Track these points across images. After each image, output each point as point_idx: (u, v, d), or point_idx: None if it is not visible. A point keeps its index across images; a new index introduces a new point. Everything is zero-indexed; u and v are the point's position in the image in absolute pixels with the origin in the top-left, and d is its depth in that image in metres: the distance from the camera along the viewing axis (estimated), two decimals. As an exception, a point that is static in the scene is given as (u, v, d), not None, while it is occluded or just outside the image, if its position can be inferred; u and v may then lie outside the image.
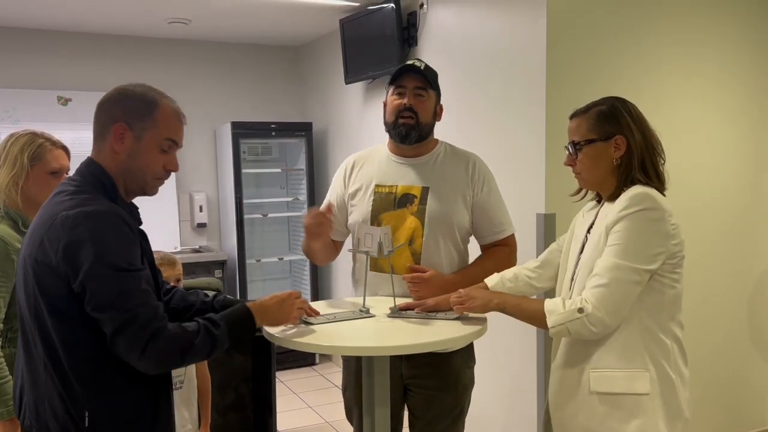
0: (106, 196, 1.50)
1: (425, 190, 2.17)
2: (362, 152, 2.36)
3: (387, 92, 2.26)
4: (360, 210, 2.22)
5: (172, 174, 1.62)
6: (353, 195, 2.26)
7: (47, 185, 2.09)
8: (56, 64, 4.91)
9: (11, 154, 2.06)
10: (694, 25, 3.34)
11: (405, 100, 2.16)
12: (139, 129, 1.51)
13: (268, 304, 1.68)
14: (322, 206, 2.31)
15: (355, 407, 2.26)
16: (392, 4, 4.00)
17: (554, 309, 1.68)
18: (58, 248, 1.39)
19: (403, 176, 2.21)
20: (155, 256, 2.40)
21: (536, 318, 1.72)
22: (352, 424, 2.32)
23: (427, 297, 2.01)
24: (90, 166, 1.54)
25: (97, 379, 1.44)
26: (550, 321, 1.67)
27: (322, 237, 2.17)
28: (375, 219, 2.19)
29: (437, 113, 2.24)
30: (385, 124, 2.24)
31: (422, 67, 2.19)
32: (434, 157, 2.24)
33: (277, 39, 5.44)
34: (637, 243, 1.63)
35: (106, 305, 1.38)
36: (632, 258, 1.62)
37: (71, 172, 2.16)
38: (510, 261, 2.22)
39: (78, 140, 4.86)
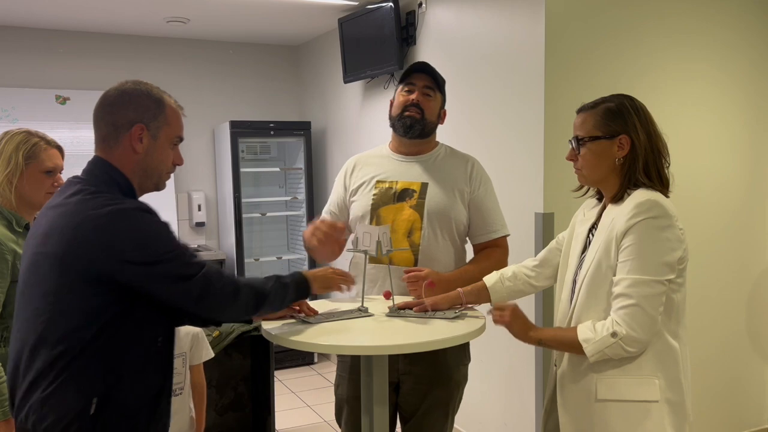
0: (122, 194, 1.53)
1: (424, 186, 2.23)
2: (363, 153, 2.42)
3: (396, 89, 2.32)
4: (360, 204, 2.27)
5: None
6: (355, 192, 2.31)
7: (41, 184, 2.09)
8: (55, 63, 4.91)
9: (6, 153, 2.06)
10: (691, 26, 3.34)
11: (413, 96, 2.23)
12: (154, 128, 1.57)
13: (316, 274, 1.86)
14: (323, 214, 2.37)
15: (346, 404, 2.27)
16: (391, 4, 4.00)
17: (589, 337, 1.65)
18: (99, 247, 1.41)
19: (404, 173, 2.26)
20: None
21: (573, 348, 1.69)
22: (340, 426, 2.33)
23: (431, 296, 2.01)
24: (103, 166, 1.56)
25: (110, 368, 1.46)
26: (588, 350, 1.65)
27: (325, 249, 2.15)
28: (374, 212, 2.23)
29: (441, 116, 2.30)
30: (390, 118, 2.31)
31: (433, 69, 2.27)
32: (434, 156, 2.30)
33: (275, 38, 5.43)
34: (652, 254, 1.61)
35: (172, 280, 1.46)
36: (651, 271, 1.61)
37: (65, 171, 2.17)
38: (504, 262, 2.25)
39: (77, 139, 4.88)
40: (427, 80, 2.25)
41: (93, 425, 1.44)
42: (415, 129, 2.23)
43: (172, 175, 1.68)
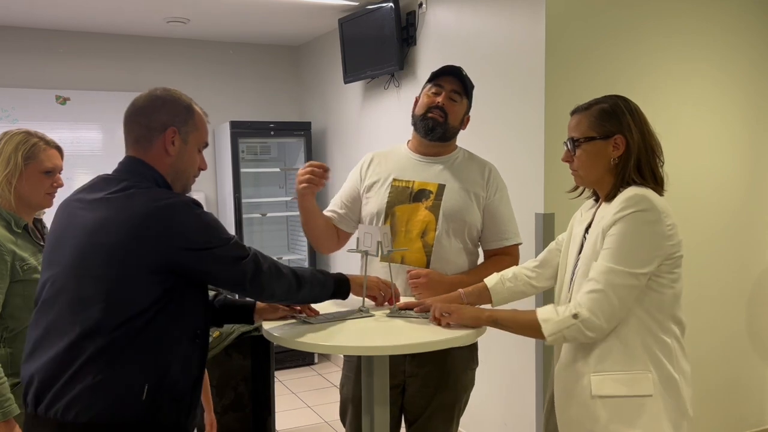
0: None
1: (441, 187, 2.21)
2: (382, 150, 2.40)
3: (423, 88, 2.30)
4: (376, 201, 2.26)
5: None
6: (369, 187, 2.30)
7: (41, 184, 2.09)
8: (55, 63, 4.90)
9: (5, 153, 2.05)
10: (691, 26, 3.34)
11: (439, 99, 2.21)
12: (185, 132, 1.65)
13: (354, 277, 1.94)
14: (332, 206, 2.38)
15: (350, 404, 2.26)
16: (391, 4, 4.00)
17: (549, 317, 1.67)
18: (167, 235, 1.49)
19: (421, 173, 2.25)
20: None
21: (531, 328, 1.70)
22: (344, 425, 2.32)
23: (427, 296, 2.02)
24: (142, 165, 1.62)
25: (161, 355, 1.52)
26: (546, 330, 1.66)
27: (311, 192, 2.18)
28: (389, 210, 2.22)
29: (464, 121, 2.29)
30: (413, 116, 2.29)
31: (463, 73, 2.24)
32: (452, 159, 2.28)
33: (276, 38, 5.43)
34: (631, 246, 1.62)
35: (231, 262, 1.57)
36: (626, 262, 1.62)
37: (65, 171, 2.17)
38: None
39: (77, 139, 4.89)
40: (456, 84, 2.22)
41: (144, 410, 1.49)
42: (436, 132, 2.21)
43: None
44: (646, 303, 1.66)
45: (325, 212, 2.38)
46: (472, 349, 2.25)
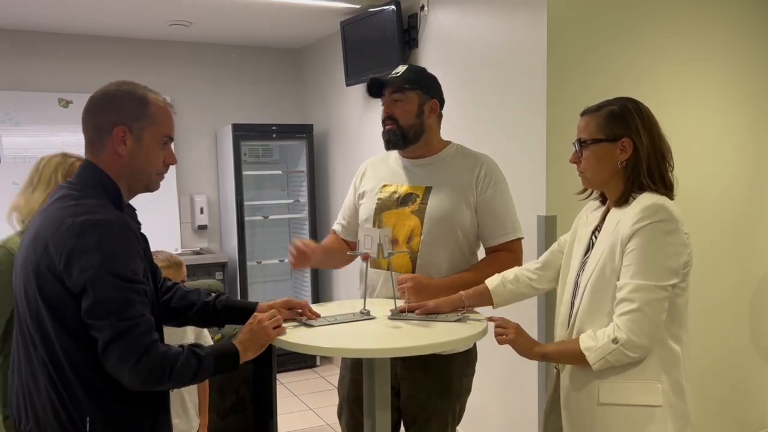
0: (109, 198, 1.51)
1: (428, 190, 2.18)
2: (376, 157, 2.40)
3: None
4: (365, 208, 2.27)
5: (173, 176, 1.66)
6: (362, 195, 2.32)
7: None
8: (57, 66, 4.91)
9: (45, 175, 2.13)
10: (693, 28, 3.34)
11: (384, 111, 2.21)
12: (138, 129, 1.53)
13: (242, 338, 1.65)
14: (336, 224, 2.44)
15: (345, 403, 2.28)
16: (393, 6, 4.01)
17: (590, 345, 1.64)
18: (63, 254, 1.39)
19: (409, 177, 2.23)
20: (160, 257, 2.40)
21: (576, 358, 1.68)
22: (340, 422, 2.33)
23: (417, 301, 1.99)
24: (90, 169, 1.54)
25: (100, 385, 1.44)
26: (590, 359, 1.63)
27: (302, 266, 2.25)
28: (377, 216, 2.21)
29: (425, 111, 2.19)
30: None
31: (397, 74, 2.19)
32: (441, 158, 2.23)
33: (278, 41, 5.44)
34: (656, 259, 1.61)
35: (108, 312, 1.39)
36: (656, 276, 1.60)
37: None
38: (510, 267, 2.11)
39: (79, 143, 4.87)
40: (389, 89, 2.17)
41: None
42: (393, 142, 2.18)
43: (174, 177, 1.67)
44: None
45: (334, 226, 2.45)
46: (468, 356, 2.21)
